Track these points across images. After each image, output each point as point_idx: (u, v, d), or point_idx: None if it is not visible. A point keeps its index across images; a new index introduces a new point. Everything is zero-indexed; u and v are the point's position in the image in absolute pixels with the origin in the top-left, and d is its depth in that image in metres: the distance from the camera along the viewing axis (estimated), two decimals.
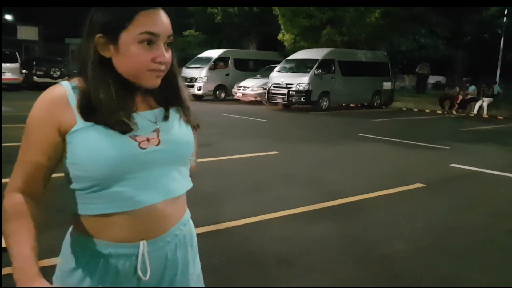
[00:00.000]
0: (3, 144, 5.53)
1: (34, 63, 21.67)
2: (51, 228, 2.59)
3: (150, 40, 1.09)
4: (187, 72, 19.57)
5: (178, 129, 1.20)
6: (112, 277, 1.15)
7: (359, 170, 6.78)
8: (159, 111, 1.18)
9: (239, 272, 3.28)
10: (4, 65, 19.23)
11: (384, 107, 18.76)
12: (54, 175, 1.16)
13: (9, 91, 19.06)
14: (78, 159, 1.08)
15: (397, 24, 21.26)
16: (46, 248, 3.37)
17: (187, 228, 1.28)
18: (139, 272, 1.15)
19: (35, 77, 20.77)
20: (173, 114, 1.21)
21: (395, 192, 5.51)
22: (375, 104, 18.49)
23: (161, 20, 1.11)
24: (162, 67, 1.12)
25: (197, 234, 1.38)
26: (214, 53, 20.55)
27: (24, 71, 20.60)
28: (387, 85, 18.85)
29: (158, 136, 1.14)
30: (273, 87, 16.47)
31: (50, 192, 1.17)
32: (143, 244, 1.14)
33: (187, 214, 1.29)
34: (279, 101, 16.43)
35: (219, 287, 2.99)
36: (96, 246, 1.13)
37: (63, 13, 36.60)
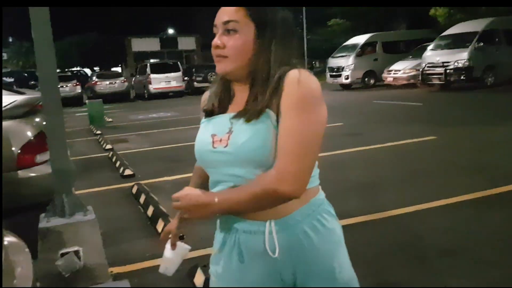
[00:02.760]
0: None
1: (194, 70, 23.82)
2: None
3: (214, 32, 1.22)
4: (333, 62, 19.39)
5: (250, 133, 1.16)
6: (245, 252, 1.24)
7: None
8: (239, 113, 1.20)
9: (397, 263, 3.11)
10: (169, 74, 21.57)
11: None
12: None
13: (175, 98, 21.32)
14: None
15: None
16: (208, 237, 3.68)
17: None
18: (267, 248, 1.20)
19: (195, 83, 22.83)
20: (259, 116, 1.17)
21: None
22: None
23: (223, 10, 1.20)
24: (217, 51, 1.20)
25: (353, 225, 1.34)
26: (360, 39, 19.93)
27: (185, 78, 22.78)
28: None
29: (228, 139, 1.20)
30: (428, 67, 15.32)
31: None
32: (269, 222, 1.21)
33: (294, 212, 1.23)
34: (435, 81, 15.21)
35: None
36: (231, 221, 1.27)
37: None
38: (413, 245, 3.39)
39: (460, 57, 14.51)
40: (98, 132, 10.42)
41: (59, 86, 2.93)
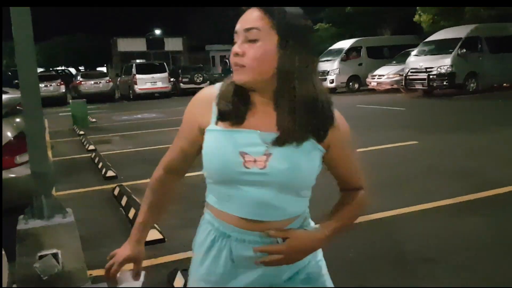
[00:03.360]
0: None
1: (180, 71, 23.77)
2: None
3: (235, 38, 1.16)
4: (319, 66, 19.47)
5: (295, 159, 1.16)
6: (236, 259, 1.23)
7: None
8: (276, 135, 1.16)
9: (375, 268, 3.15)
10: (154, 75, 21.47)
11: None
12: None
13: (160, 99, 21.21)
14: (203, 154, 1.23)
15: None
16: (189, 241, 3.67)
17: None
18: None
19: (181, 84, 22.76)
20: (302, 143, 1.17)
21: None
22: None
23: (244, 17, 1.15)
24: (235, 59, 1.15)
25: None
26: (345, 44, 20.12)
27: (172, 79, 22.69)
28: None
29: (266, 161, 1.16)
30: (411, 72, 15.52)
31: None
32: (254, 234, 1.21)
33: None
34: (418, 87, 15.41)
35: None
36: (218, 224, 1.25)
37: (203, 23, 39.37)
38: (393, 250, 3.43)
39: (443, 63, 14.73)
40: (81, 132, 10.31)
41: (42, 85, 2.90)
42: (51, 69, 32.15)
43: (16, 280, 2.63)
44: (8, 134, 3.30)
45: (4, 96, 3.63)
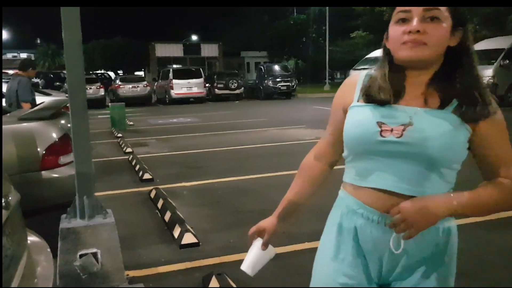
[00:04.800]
0: None
1: (215, 77, 24.02)
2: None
3: (403, 18, 1.18)
4: (354, 74, 19.28)
5: (434, 131, 1.16)
6: (361, 238, 1.27)
7: None
8: (421, 110, 1.19)
9: None
10: (191, 80, 21.79)
11: None
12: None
13: (195, 104, 21.51)
14: (344, 129, 1.29)
15: None
16: (223, 245, 3.69)
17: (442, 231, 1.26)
18: (391, 244, 1.22)
19: (216, 90, 23.00)
20: (445, 114, 1.18)
21: None
22: None
23: None
24: (414, 37, 1.16)
25: None
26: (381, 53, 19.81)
27: (207, 85, 22.97)
28: None
29: (404, 130, 1.17)
30: None
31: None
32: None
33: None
34: None
35: None
36: (352, 203, 1.29)
37: (239, 29, 39.78)
38: None
39: (484, 74, 14.26)
40: (119, 135, 10.57)
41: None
42: (90, 72, 33.11)
43: (58, 277, 2.72)
44: (54, 135, 3.42)
45: (49, 98, 3.77)
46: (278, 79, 23.30)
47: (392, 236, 1.22)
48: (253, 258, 1.39)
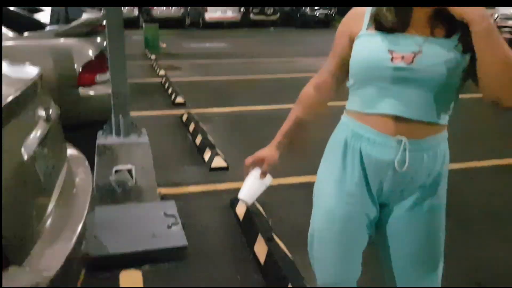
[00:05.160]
0: None
1: None
2: None
3: None
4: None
5: (441, 56, 1.18)
6: (367, 160, 1.30)
7: None
8: (430, 39, 1.20)
9: None
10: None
11: None
12: None
13: (229, 29, 21.07)
14: (352, 57, 1.29)
15: None
16: None
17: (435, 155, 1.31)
18: (396, 163, 1.26)
19: (251, 14, 22.32)
20: (450, 42, 1.19)
21: None
22: None
23: None
24: None
25: None
26: None
27: (242, 9, 22.29)
28: None
29: (414, 57, 1.19)
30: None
31: None
32: (403, 139, 1.25)
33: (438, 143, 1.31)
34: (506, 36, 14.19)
35: None
36: (357, 127, 1.31)
37: None
38: (457, 205, 3.35)
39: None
40: (153, 57, 10.57)
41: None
42: None
43: (94, 188, 2.87)
44: (90, 53, 3.45)
45: (84, 15, 3.75)
46: (316, 7, 22.38)
47: (397, 156, 1.26)
48: (250, 187, 1.44)
